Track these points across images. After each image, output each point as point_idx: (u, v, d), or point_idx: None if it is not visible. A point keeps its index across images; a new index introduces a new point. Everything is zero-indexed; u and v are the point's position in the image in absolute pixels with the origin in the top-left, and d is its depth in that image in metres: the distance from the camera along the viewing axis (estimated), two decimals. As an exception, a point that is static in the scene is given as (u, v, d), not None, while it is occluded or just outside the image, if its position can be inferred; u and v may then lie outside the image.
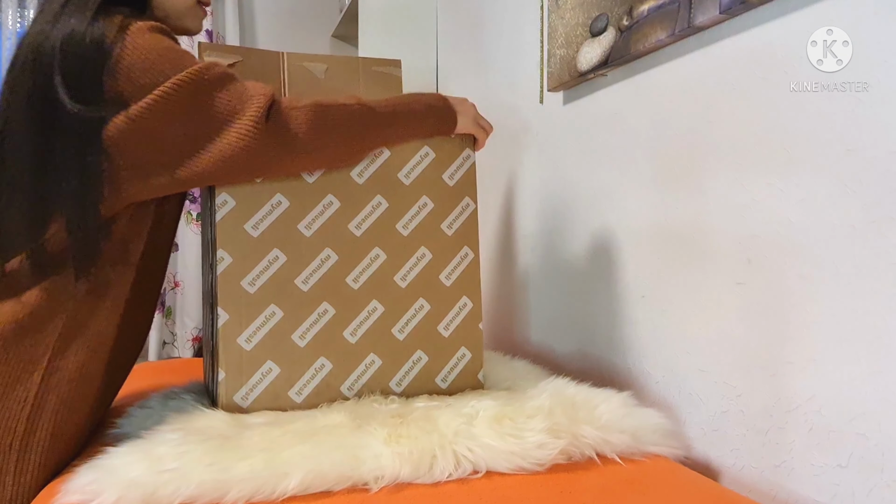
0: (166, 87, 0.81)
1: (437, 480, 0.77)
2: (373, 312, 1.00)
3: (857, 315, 0.75)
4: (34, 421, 0.79)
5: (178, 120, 0.82)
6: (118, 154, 0.81)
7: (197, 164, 0.84)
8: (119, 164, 0.82)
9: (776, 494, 0.84)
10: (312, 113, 0.90)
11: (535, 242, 1.48)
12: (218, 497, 0.70)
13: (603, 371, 1.21)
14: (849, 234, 0.76)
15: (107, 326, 0.86)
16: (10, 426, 0.78)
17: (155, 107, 0.80)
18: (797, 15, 0.82)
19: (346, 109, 0.93)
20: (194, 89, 0.83)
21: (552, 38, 1.31)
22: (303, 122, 0.89)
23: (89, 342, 0.84)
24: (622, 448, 0.86)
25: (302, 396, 0.95)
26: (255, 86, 0.88)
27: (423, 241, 1.03)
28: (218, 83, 0.85)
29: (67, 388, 0.82)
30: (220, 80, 0.85)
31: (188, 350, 2.26)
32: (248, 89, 0.87)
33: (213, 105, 0.84)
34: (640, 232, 1.11)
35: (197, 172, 0.85)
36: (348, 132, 0.94)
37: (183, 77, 0.82)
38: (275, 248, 0.94)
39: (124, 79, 0.80)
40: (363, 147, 0.98)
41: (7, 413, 0.78)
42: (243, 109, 0.85)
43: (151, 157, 0.83)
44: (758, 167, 0.88)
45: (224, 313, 0.92)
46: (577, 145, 1.31)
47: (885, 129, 0.72)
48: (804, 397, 0.81)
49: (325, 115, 0.91)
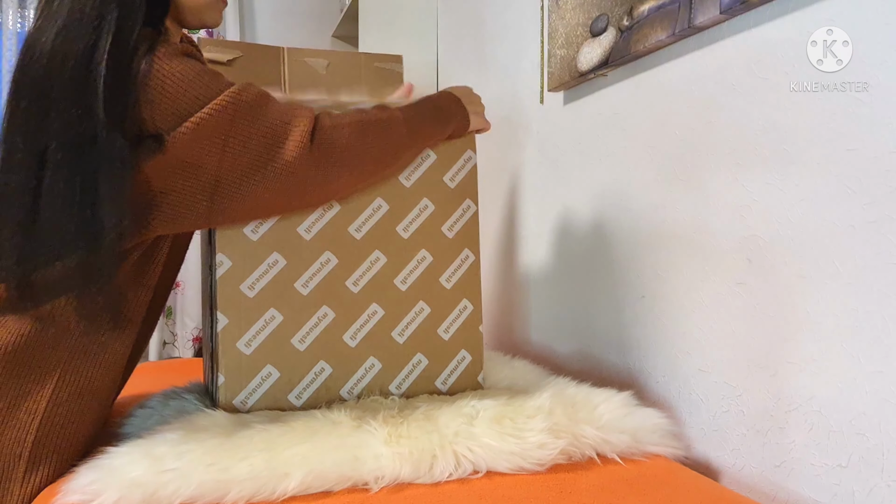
0: (202, 115, 0.77)
1: (438, 480, 0.77)
2: (373, 316, 0.99)
3: (858, 315, 0.75)
4: (43, 432, 0.79)
5: (217, 148, 0.79)
6: (149, 187, 0.78)
7: (237, 197, 0.81)
8: (151, 199, 0.79)
9: (776, 494, 0.84)
10: (356, 131, 0.88)
11: (536, 242, 1.48)
12: (218, 497, 0.70)
13: (603, 371, 1.21)
14: (849, 233, 0.76)
15: (122, 346, 0.85)
16: (19, 437, 0.78)
17: (191, 135, 0.77)
18: (797, 15, 0.82)
19: (383, 124, 0.91)
20: (232, 115, 0.79)
21: (552, 38, 1.31)
22: (347, 142, 0.86)
23: (104, 360, 0.83)
24: (622, 448, 0.86)
25: (302, 400, 0.95)
26: (295, 108, 0.85)
27: (424, 243, 1.03)
28: (256, 107, 0.81)
29: (78, 402, 0.82)
30: (258, 103, 0.81)
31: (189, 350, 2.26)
32: (288, 112, 0.83)
33: (254, 132, 0.80)
34: (641, 232, 1.11)
35: (236, 207, 0.82)
36: (386, 147, 0.92)
37: (219, 103, 0.78)
38: (274, 251, 0.94)
39: (155, 107, 0.76)
40: (396, 161, 0.97)
41: (17, 424, 0.77)
42: (287, 134, 0.82)
43: (187, 191, 0.80)
44: (758, 167, 0.88)
45: (223, 317, 0.92)
46: (577, 145, 1.31)
47: (885, 128, 0.72)
48: (804, 397, 0.81)
49: (367, 132, 0.89)
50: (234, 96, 0.79)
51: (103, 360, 0.83)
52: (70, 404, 0.81)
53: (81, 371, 0.81)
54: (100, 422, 0.88)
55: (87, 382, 0.82)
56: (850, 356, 0.76)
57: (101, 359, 0.83)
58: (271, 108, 0.83)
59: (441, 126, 1.01)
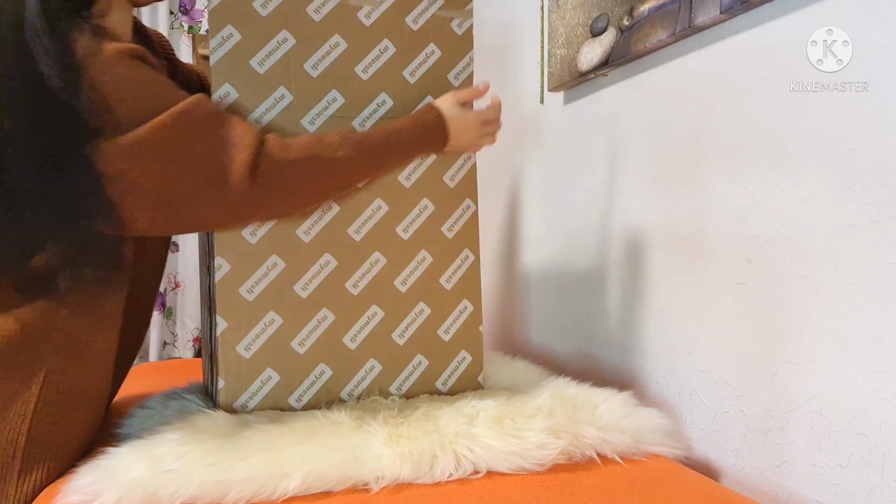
0: (143, 132, 0.75)
1: (438, 481, 0.77)
2: (372, 317, 0.99)
3: (858, 315, 0.75)
4: (35, 433, 0.78)
5: (155, 169, 0.76)
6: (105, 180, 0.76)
7: (177, 215, 0.79)
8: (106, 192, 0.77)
9: (777, 494, 0.84)
10: (304, 168, 0.83)
11: (536, 243, 1.48)
12: (218, 497, 0.70)
13: (603, 371, 1.21)
14: (849, 233, 0.76)
15: (105, 343, 0.85)
16: (11, 438, 0.77)
17: (128, 152, 0.75)
18: (797, 15, 0.82)
19: (337, 164, 0.86)
20: (171, 136, 0.76)
21: (553, 37, 1.31)
22: (292, 179, 0.82)
23: (89, 358, 0.83)
24: (623, 448, 0.86)
25: (302, 403, 0.95)
26: (243, 133, 0.80)
27: (424, 244, 1.03)
28: (201, 130, 0.78)
29: (67, 402, 0.81)
30: (201, 126, 0.78)
31: (189, 350, 2.26)
32: (234, 137, 0.79)
33: (194, 157, 0.77)
34: (641, 232, 1.11)
35: (177, 222, 0.81)
36: (334, 186, 0.89)
37: (161, 121, 0.75)
38: (273, 254, 0.94)
39: (101, 108, 0.74)
40: (345, 194, 0.95)
41: (8, 426, 0.77)
42: (230, 163, 0.78)
43: (126, 203, 0.77)
44: (758, 167, 0.88)
45: (223, 321, 0.91)
46: (577, 145, 1.31)
47: (885, 129, 0.72)
48: (805, 397, 0.81)
49: (317, 170, 0.85)
50: (176, 117, 0.76)
51: (88, 358, 0.83)
52: (59, 404, 0.80)
53: (68, 370, 0.81)
54: (94, 421, 0.88)
55: (75, 381, 0.82)
56: (851, 356, 0.75)
57: (85, 357, 0.83)
58: (215, 133, 0.79)
59: (412, 149, 0.96)
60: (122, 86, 0.75)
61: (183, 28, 2.27)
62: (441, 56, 1.03)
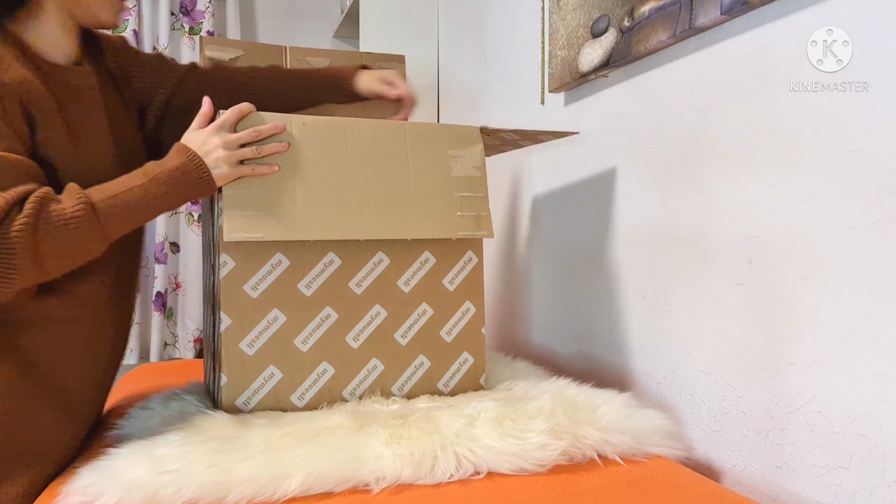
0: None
1: (439, 481, 0.77)
2: (375, 317, 0.99)
3: (859, 316, 0.75)
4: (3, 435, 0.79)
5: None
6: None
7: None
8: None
9: (777, 495, 0.84)
10: (29, 236, 0.73)
11: (537, 243, 1.48)
12: (219, 498, 0.70)
13: (604, 372, 1.21)
14: (850, 234, 0.76)
15: (35, 348, 0.82)
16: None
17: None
18: (797, 15, 0.82)
19: (67, 230, 0.75)
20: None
21: (553, 39, 1.31)
22: (21, 249, 0.73)
23: (15, 361, 0.81)
24: (623, 449, 0.86)
25: (304, 401, 0.95)
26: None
27: (427, 245, 1.03)
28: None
29: (37, 404, 0.81)
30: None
31: (189, 351, 2.26)
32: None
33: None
34: (642, 233, 1.11)
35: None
36: (80, 248, 0.79)
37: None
38: (278, 251, 0.94)
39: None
40: (100, 247, 0.81)
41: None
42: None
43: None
44: (759, 168, 0.88)
45: (226, 318, 0.92)
46: (578, 146, 1.31)
47: (885, 130, 0.72)
48: (805, 398, 0.81)
49: (43, 240, 0.74)
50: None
51: (16, 360, 0.81)
52: (27, 409, 0.80)
53: (30, 371, 0.81)
54: (74, 425, 0.87)
55: (46, 382, 0.81)
56: (852, 357, 0.75)
57: (13, 361, 0.81)
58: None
59: (169, 199, 0.85)
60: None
61: (184, 29, 2.27)
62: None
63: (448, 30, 2.00)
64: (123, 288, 0.95)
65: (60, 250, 0.76)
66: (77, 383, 0.87)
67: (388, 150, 0.98)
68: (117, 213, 0.80)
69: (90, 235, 0.78)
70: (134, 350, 2.17)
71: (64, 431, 0.85)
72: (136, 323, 2.17)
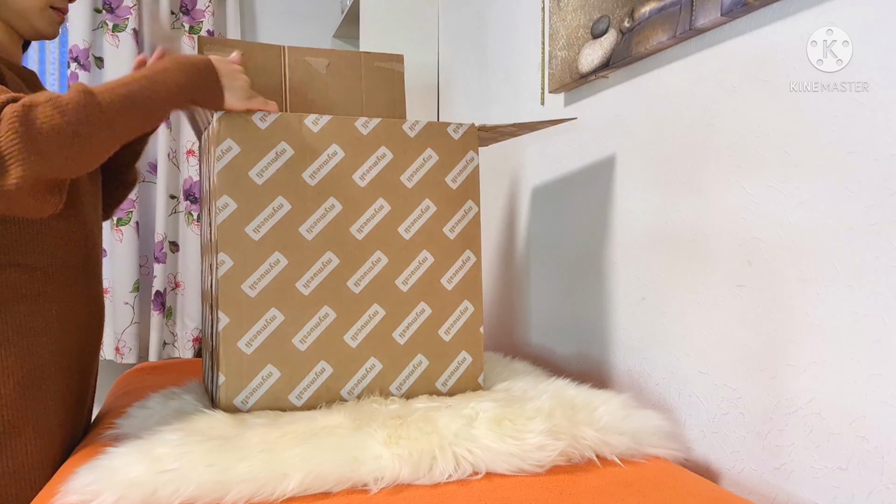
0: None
1: (437, 482, 0.77)
2: (374, 316, 0.99)
3: (858, 317, 0.75)
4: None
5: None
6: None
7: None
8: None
9: (776, 497, 0.84)
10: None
11: (536, 244, 1.48)
12: (218, 498, 0.70)
13: (603, 373, 1.21)
14: (849, 236, 0.76)
15: (11, 325, 0.86)
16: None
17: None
18: (798, 16, 0.82)
19: (64, 112, 0.75)
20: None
21: (553, 39, 1.31)
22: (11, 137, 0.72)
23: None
24: (622, 450, 0.86)
25: (302, 400, 0.95)
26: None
27: (425, 244, 1.03)
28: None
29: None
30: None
31: (189, 351, 2.26)
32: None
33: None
34: (641, 234, 1.11)
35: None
36: (84, 135, 0.77)
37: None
38: (276, 251, 0.94)
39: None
40: (108, 138, 0.80)
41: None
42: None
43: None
44: (758, 169, 0.88)
45: (225, 317, 0.92)
46: (577, 146, 1.31)
47: (885, 131, 0.72)
48: (804, 400, 0.81)
49: (38, 118, 0.73)
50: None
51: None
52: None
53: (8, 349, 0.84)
54: (48, 402, 0.89)
55: (21, 360, 0.85)
56: (850, 358, 0.75)
57: (23, 337, 0.85)
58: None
59: (176, 96, 0.86)
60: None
61: (184, 28, 2.27)
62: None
63: (448, 30, 2.00)
64: (91, 263, 0.98)
65: (61, 136, 0.74)
66: (50, 361, 0.89)
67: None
68: (120, 101, 0.80)
69: (89, 120, 0.76)
70: (133, 349, 2.17)
71: (36, 409, 0.87)
72: (135, 322, 2.17)
